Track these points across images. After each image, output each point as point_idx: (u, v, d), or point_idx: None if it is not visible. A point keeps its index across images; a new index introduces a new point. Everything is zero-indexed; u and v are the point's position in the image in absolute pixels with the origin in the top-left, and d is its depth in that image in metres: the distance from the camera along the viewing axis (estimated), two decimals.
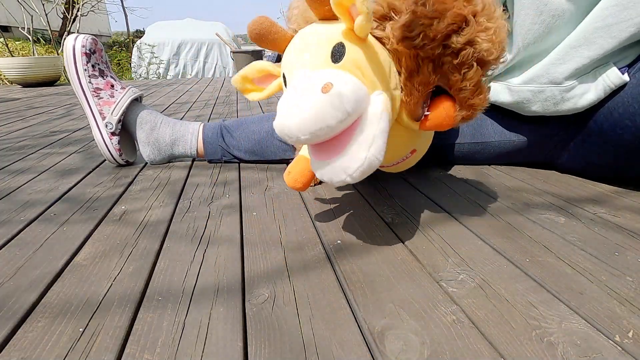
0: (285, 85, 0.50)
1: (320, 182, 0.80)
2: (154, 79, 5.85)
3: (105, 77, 0.87)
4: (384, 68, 0.48)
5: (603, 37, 0.65)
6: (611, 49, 0.65)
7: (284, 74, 0.50)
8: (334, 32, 0.47)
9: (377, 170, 0.88)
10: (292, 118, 0.41)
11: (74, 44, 0.83)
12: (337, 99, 0.41)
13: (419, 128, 0.52)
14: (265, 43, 0.52)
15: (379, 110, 0.44)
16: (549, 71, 0.71)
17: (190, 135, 0.90)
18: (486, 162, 0.89)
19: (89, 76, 0.85)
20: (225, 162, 0.93)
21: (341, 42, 0.46)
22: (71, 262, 0.51)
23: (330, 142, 0.45)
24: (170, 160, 0.95)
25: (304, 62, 0.47)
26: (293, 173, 0.57)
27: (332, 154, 0.44)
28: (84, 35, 0.85)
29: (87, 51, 0.84)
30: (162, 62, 6.52)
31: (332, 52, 0.46)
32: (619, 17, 0.63)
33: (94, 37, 0.86)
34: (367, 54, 0.47)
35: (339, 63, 0.45)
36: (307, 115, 0.41)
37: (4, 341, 0.37)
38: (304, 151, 0.60)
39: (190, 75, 6.67)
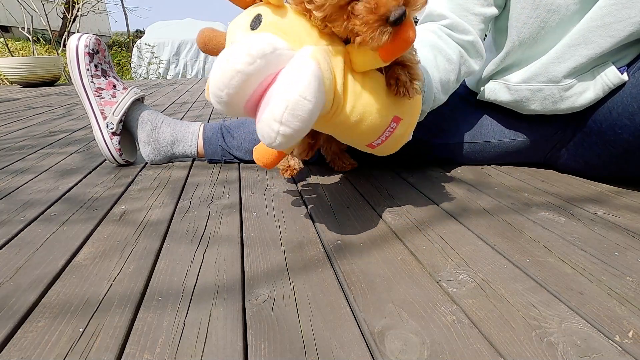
0: None
1: (310, 160, 0.83)
2: (154, 79, 5.85)
3: (107, 77, 0.87)
4: (311, 29, 0.48)
5: (601, 36, 0.65)
6: (609, 48, 0.65)
7: None
8: (253, 11, 0.49)
9: (372, 157, 0.87)
10: (212, 80, 0.43)
11: (77, 43, 0.83)
12: (242, 46, 0.42)
13: (381, 58, 0.47)
14: (212, 52, 0.55)
15: (302, 56, 0.44)
16: (547, 70, 0.71)
17: (191, 136, 0.90)
18: (486, 162, 0.89)
19: (92, 76, 0.85)
20: (226, 162, 0.93)
21: (258, 14, 0.47)
22: (71, 262, 0.51)
23: (261, 102, 0.45)
24: (170, 160, 0.95)
25: (229, 42, 0.50)
26: (258, 153, 0.59)
27: (263, 110, 0.44)
28: (88, 35, 0.85)
29: (90, 51, 0.84)
30: (162, 62, 6.52)
31: (250, 25, 0.48)
32: (617, 16, 0.63)
33: (97, 37, 0.86)
34: (287, 16, 0.47)
35: (256, 29, 0.47)
36: (220, 70, 0.42)
37: (4, 341, 0.37)
38: None
39: (190, 75, 6.67)
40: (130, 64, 6.52)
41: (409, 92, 0.51)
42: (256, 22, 0.47)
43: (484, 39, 0.76)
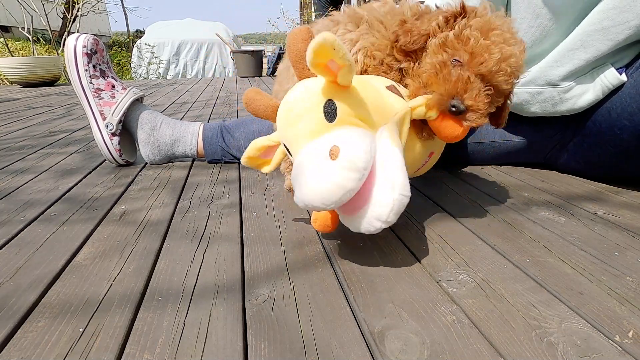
0: (289, 152, 0.50)
1: None
2: (154, 79, 5.85)
3: (106, 78, 0.87)
4: (377, 100, 0.49)
5: (600, 39, 0.65)
6: (607, 51, 0.66)
7: (284, 144, 0.51)
8: (318, 92, 0.46)
9: None
10: (312, 194, 0.42)
11: (75, 44, 0.83)
12: (347, 162, 0.41)
13: (436, 135, 0.54)
14: (254, 112, 0.54)
15: (388, 148, 0.44)
16: (546, 73, 0.72)
17: (191, 136, 0.90)
18: (486, 162, 0.89)
19: (90, 77, 0.85)
20: (225, 162, 0.93)
21: (329, 99, 0.45)
22: (71, 262, 0.51)
23: (356, 197, 0.44)
24: (170, 160, 0.95)
25: (301, 133, 0.46)
26: (319, 220, 0.55)
27: (359, 207, 0.44)
28: (86, 35, 0.85)
29: (89, 51, 0.84)
30: (162, 62, 6.52)
31: (324, 113, 0.45)
32: (615, 20, 0.63)
33: (95, 37, 0.86)
34: (357, 98, 0.46)
35: (334, 121, 0.45)
36: (325, 187, 0.41)
37: (4, 341, 0.37)
38: None
39: (190, 75, 6.67)
40: (130, 64, 6.52)
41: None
42: (332, 112, 0.45)
43: None
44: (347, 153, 0.41)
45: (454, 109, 0.49)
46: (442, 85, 0.50)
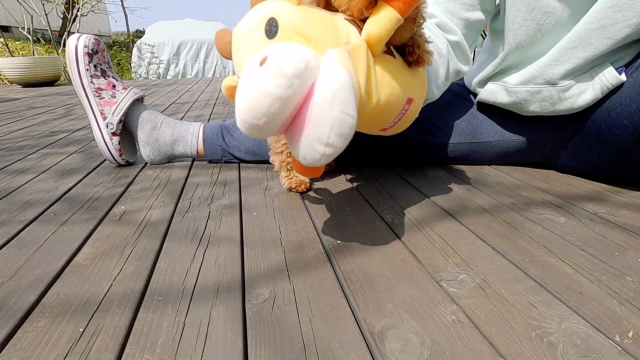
0: None
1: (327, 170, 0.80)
2: (154, 79, 5.85)
3: (107, 78, 0.87)
4: (329, 24, 0.45)
5: (598, 38, 0.65)
6: (606, 50, 0.66)
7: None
8: (263, 11, 0.45)
9: (372, 157, 0.87)
10: (242, 108, 0.39)
11: (77, 43, 0.83)
12: (273, 67, 0.38)
13: (398, 10, 0.45)
14: (221, 49, 0.53)
15: (332, 65, 0.41)
16: (545, 72, 0.72)
17: (191, 136, 0.90)
18: (486, 162, 0.89)
19: (91, 76, 0.85)
20: (225, 162, 0.93)
21: (272, 18, 0.44)
22: (71, 262, 0.51)
23: (296, 120, 0.42)
24: (170, 160, 0.95)
25: (245, 54, 0.45)
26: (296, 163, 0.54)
27: (302, 130, 0.41)
28: (87, 35, 0.85)
29: (90, 51, 0.84)
30: (162, 62, 6.52)
31: (265, 31, 0.44)
32: (614, 19, 0.63)
33: (96, 37, 0.86)
34: (303, 17, 0.44)
35: (274, 37, 0.43)
36: (251, 96, 0.38)
37: (4, 341, 0.37)
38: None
39: (190, 75, 6.67)
40: (130, 64, 6.52)
41: (426, 60, 0.51)
42: (271, 28, 0.43)
43: (474, 44, 0.76)
44: (275, 59, 0.38)
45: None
46: None
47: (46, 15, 4.27)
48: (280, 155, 0.73)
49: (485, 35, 0.89)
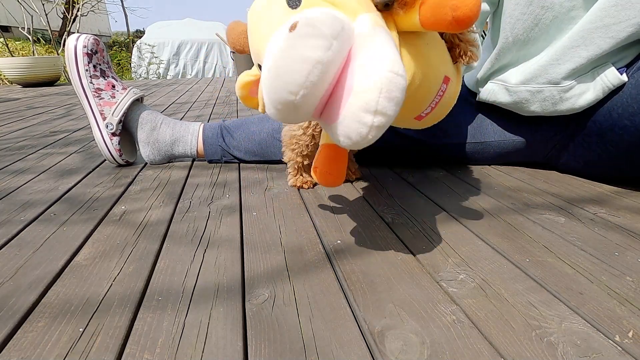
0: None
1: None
2: (154, 79, 5.85)
3: (106, 78, 0.87)
4: None
5: (601, 37, 0.65)
6: (609, 49, 0.66)
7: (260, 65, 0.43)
8: None
9: (372, 157, 0.84)
10: (273, 81, 0.34)
11: (76, 44, 0.83)
12: (308, 27, 0.33)
13: (421, 23, 0.39)
14: (233, 43, 0.48)
15: (367, 26, 0.36)
16: (547, 71, 0.71)
17: (191, 136, 0.90)
18: (486, 162, 0.89)
19: (90, 77, 0.85)
20: (225, 162, 0.93)
21: None
22: (71, 262, 0.51)
23: (334, 93, 0.36)
24: (170, 160, 0.95)
25: (266, 32, 0.39)
26: (319, 165, 0.48)
27: (341, 102, 0.35)
28: (86, 35, 0.85)
29: (89, 51, 0.84)
30: (162, 62, 6.52)
31: (287, 2, 0.38)
32: (617, 18, 0.63)
33: (96, 37, 0.86)
34: None
35: (298, 7, 0.37)
36: (285, 65, 0.33)
37: (4, 341, 0.37)
38: (323, 140, 0.52)
39: (190, 75, 6.67)
40: (130, 64, 6.52)
41: (473, 56, 0.45)
42: None
43: (483, 39, 0.76)
44: (308, 20, 0.33)
45: (385, 7, 0.39)
46: None
47: (46, 15, 4.27)
48: (291, 152, 0.73)
49: (486, 35, 0.89)
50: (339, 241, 0.55)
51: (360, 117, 0.33)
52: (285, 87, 0.33)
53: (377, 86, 0.32)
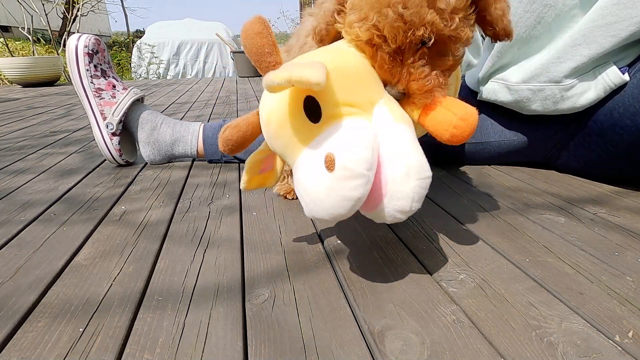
0: (284, 160, 0.46)
1: None
2: (154, 79, 5.85)
3: (107, 78, 0.87)
4: (365, 70, 0.41)
5: (603, 35, 0.65)
6: (610, 48, 0.65)
7: (278, 154, 0.47)
8: (292, 92, 0.41)
9: None
10: (320, 212, 0.39)
11: (77, 44, 0.83)
12: (346, 171, 0.36)
13: (419, 121, 0.43)
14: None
15: (392, 127, 0.38)
16: (548, 70, 0.71)
17: (191, 136, 0.90)
18: (486, 162, 0.89)
19: (91, 77, 0.85)
20: (225, 162, 0.93)
21: (307, 96, 0.40)
22: (71, 262, 0.51)
23: (370, 195, 0.39)
24: (170, 160, 0.95)
25: (290, 143, 0.41)
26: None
27: (377, 203, 0.39)
28: (87, 35, 0.85)
29: (90, 51, 0.84)
30: (162, 62, 6.52)
31: (307, 115, 0.40)
32: (619, 16, 0.63)
33: (97, 37, 0.86)
34: (339, 80, 0.39)
35: (320, 121, 0.40)
36: (331, 204, 0.37)
37: (4, 341, 0.37)
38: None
39: (190, 75, 6.67)
40: (130, 64, 6.52)
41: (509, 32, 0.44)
42: (313, 111, 0.40)
43: (483, 39, 0.76)
44: (344, 160, 0.36)
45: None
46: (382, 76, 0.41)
47: (46, 15, 4.27)
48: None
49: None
50: (339, 241, 0.55)
51: (396, 215, 0.39)
52: (330, 216, 0.38)
53: (410, 195, 0.37)
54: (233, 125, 0.49)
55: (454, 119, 0.39)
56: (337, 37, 0.46)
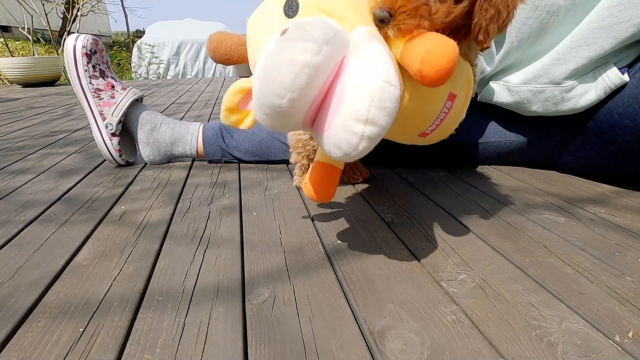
0: None
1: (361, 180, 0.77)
2: (154, 79, 5.85)
3: (105, 78, 0.87)
4: (355, 2, 0.38)
5: (603, 37, 0.65)
6: (611, 49, 0.65)
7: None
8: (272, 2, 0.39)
9: (371, 156, 0.82)
10: (264, 85, 0.33)
11: (75, 44, 0.83)
12: (298, 31, 0.33)
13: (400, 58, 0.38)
14: (223, 59, 0.47)
15: (364, 37, 0.35)
16: (548, 71, 0.71)
17: (190, 136, 0.90)
18: (486, 162, 0.89)
19: (90, 77, 0.85)
20: (225, 162, 0.93)
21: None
22: (71, 262, 0.51)
23: (325, 102, 0.35)
24: (170, 160, 0.95)
25: (263, 41, 0.38)
26: (311, 183, 0.48)
27: (332, 111, 0.34)
28: (85, 35, 0.85)
29: (88, 52, 0.84)
30: (162, 62, 6.52)
31: (284, 12, 0.38)
32: (619, 17, 0.63)
33: (95, 37, 0.86)
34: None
35: (295, 16, 0.37)
36: (275, 68, 0.32)
37: (4, 341, 0.37)
38: (318, 156, 0.52)
39: (190, 75, 6.67)
40: (130, 64, 6.52)
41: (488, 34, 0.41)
42: (291, 6, 0.37)
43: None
44: (299, 25, 0.33)
45: (380, 22, 0.36)
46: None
47: (46, 15, 4.27)
48: (297, 155, 0.73)
49: None
50: (339, 241, 0.55)
51: (351, 126, 0.33)
52: (273, 90, 0.33)
53: (368, 95, 0.32)
54: (224, 36, 0.48)
55: (429, 44, 0.34)
56: None
